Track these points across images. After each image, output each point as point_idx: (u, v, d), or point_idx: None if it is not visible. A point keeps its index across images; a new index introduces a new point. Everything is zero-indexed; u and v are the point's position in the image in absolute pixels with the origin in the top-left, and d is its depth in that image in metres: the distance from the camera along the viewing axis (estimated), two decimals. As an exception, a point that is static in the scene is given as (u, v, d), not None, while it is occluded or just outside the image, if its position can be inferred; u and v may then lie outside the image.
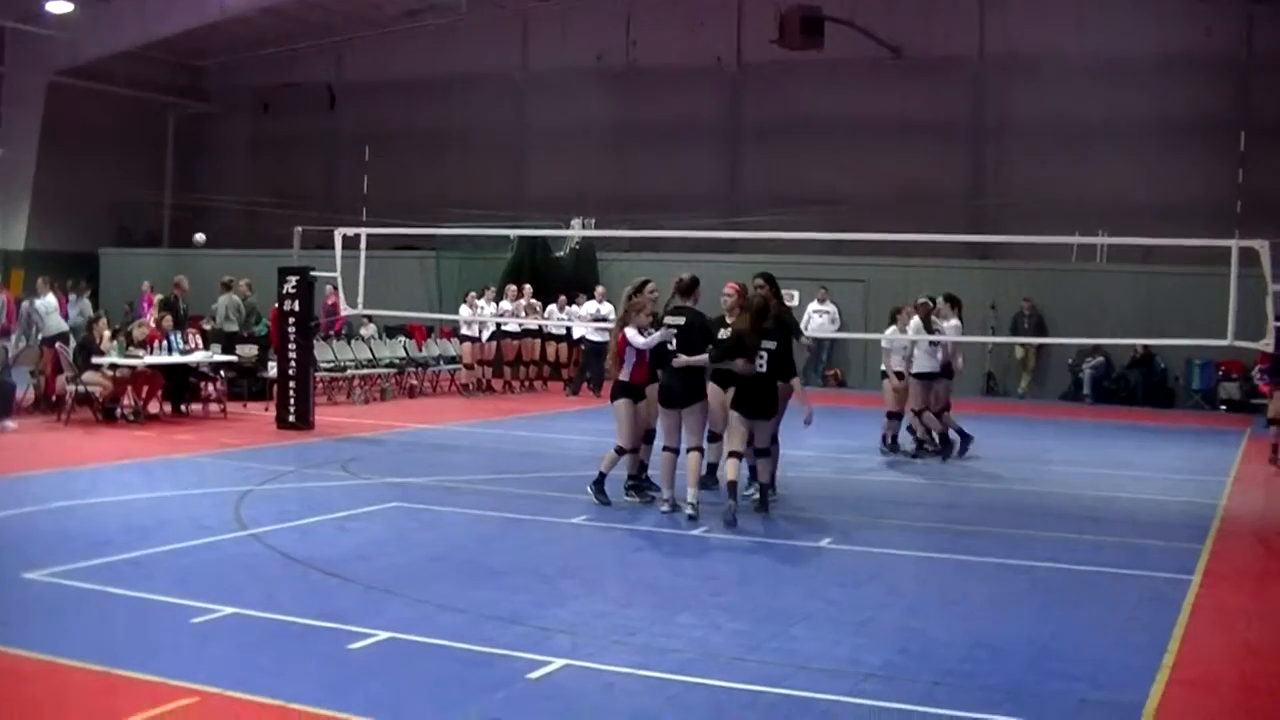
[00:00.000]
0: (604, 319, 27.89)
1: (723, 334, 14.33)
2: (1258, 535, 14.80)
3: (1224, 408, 29.96)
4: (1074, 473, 14.76)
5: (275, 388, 21.53)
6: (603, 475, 14.68)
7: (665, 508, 14.11)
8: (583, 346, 29.44)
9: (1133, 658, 9.29)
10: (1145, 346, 29.03)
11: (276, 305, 21.42)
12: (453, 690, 8.18)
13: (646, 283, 14.69)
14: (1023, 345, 30.63)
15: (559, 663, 8.69)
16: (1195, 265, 25.42)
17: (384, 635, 9.16)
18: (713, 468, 15.52)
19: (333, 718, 7.55)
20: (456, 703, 7.92)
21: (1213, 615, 10.71)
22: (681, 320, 14.16)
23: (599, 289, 29.76)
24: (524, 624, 9.70)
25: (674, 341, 14.02)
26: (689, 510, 13.70)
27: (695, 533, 11.39)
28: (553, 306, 29.49)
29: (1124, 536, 13.97)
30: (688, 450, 13.98)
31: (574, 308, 29.39)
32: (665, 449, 14.23)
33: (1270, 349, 18.46)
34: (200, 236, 26.70)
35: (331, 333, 27.62)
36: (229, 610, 9.67)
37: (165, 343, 22.00)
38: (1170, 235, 21.76)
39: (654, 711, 8.00)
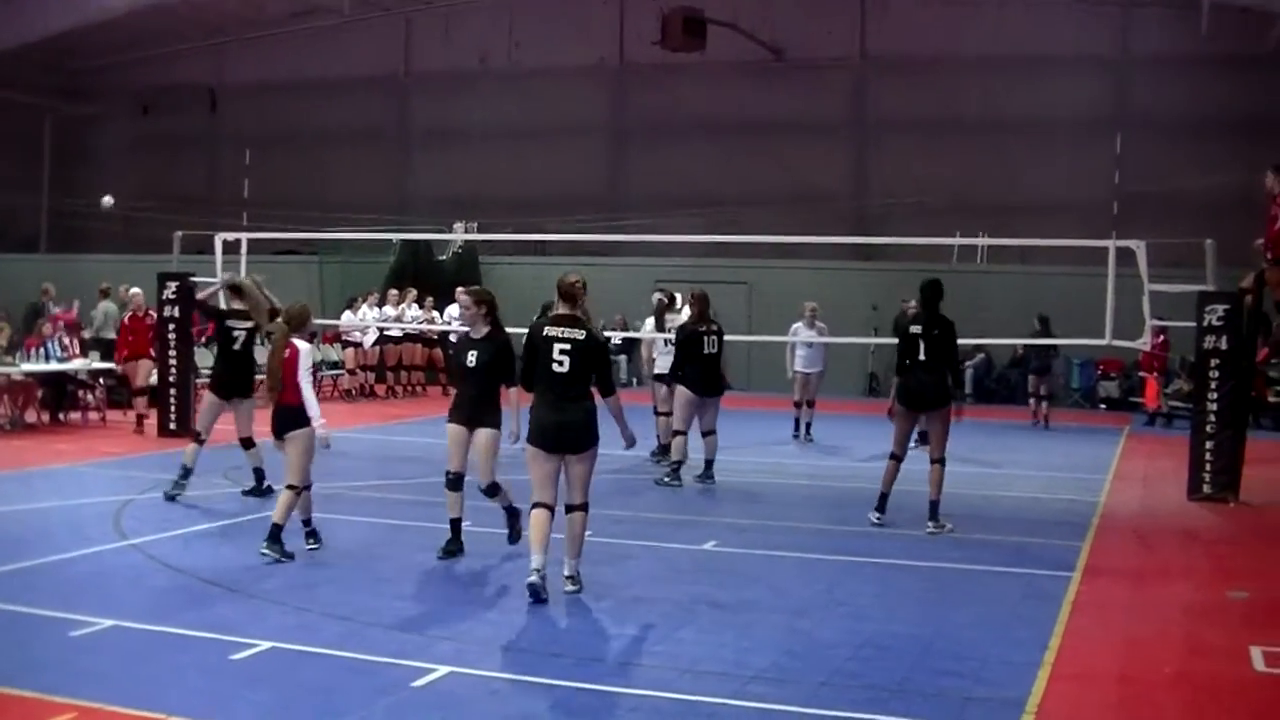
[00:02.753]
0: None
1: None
2: (1136, 531, 15.00)
3: (1103, 406, 30.46)
4: (957, 472, 14.89)
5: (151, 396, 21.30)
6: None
7: (535, 578, 10.50)
8: (450, 350, 29.15)
9: (1015, 654, 9.38)
10: (1025, 345, 29.41)
11: (131, 312, 21.23)
12: (337, 699, 8.09)
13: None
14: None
15: (443, 670, 8.62)
16: (1074, 265, 25.80)
17: (266, 645, 9.05)
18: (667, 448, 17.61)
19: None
20: (340, 711, 7.83)
21: (1092, 610, 10.83)
22: (582, 335, 10.84)
23: (460, 291, 29.26)
24: (408, 631, 9.65)
25: (566, 363, 10.73)
26: (570, 587, 10.84)
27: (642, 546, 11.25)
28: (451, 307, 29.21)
29: (1007, 535, 14.14)
30: (573, 508, 10.94)
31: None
32: (539, 506, 10.82)
33: (1147, 348, 18.80)
34: (108, 199, 26.03)
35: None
36: (109, 622, 9.50)
37: (43, 350, 21.61)
38: (1049, 235, 22.06)
39: (539, 716, 7.98)
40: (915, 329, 14.22)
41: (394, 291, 29.33)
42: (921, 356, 14.11)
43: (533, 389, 10.90)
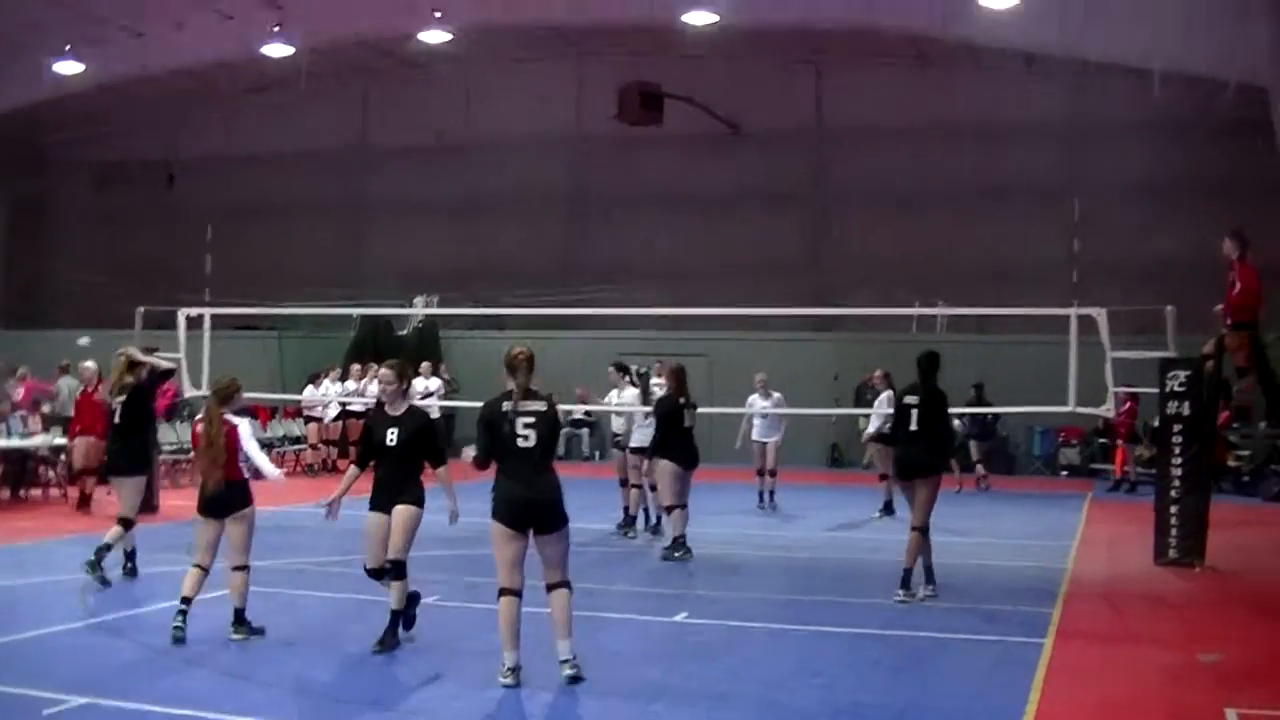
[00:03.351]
0: (430, 394, 27.69)
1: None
2: (1105, 596, 15.03)
3: (1065, 473, 30.57)
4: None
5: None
6: None
7: (509, 679, 10.06)
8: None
9: (993, 719, 9.34)
10: (990, 414, 29.51)
11: (84, 389, 20.97)
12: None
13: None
14: (864, 417, 30.91)
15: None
16: (1033, 333, 25.93)
17: (234, 720, 8.94)
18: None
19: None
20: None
21: (1068, 674, 10.83)
22: (543, 406, 10.43)
23: (424, 365, 29.23)
24: (383, 707, 9.56)
25: (531, 436, 10.23)
26: (569, 671, 10.18)
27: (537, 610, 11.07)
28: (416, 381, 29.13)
29: (975, 602, 14.11)
30: (553, 587, 10.40)
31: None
32: (507, 593, 10.25)
33: (1110, 415, 18.87)
34: (85, 340, 25.92)
35: (167, 415, 27.07)
36: (81, 700, 9.36)
37: (4, 426, 21.46)
38: (1008, 303, 22.18)
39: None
40: (910, 399, 14.34)
41: (356, 366, 29.27)
42: (913, 426, 14.19)
43: (488, 465, 10.38)
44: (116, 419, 15.11)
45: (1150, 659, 11.68)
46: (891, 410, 21.37)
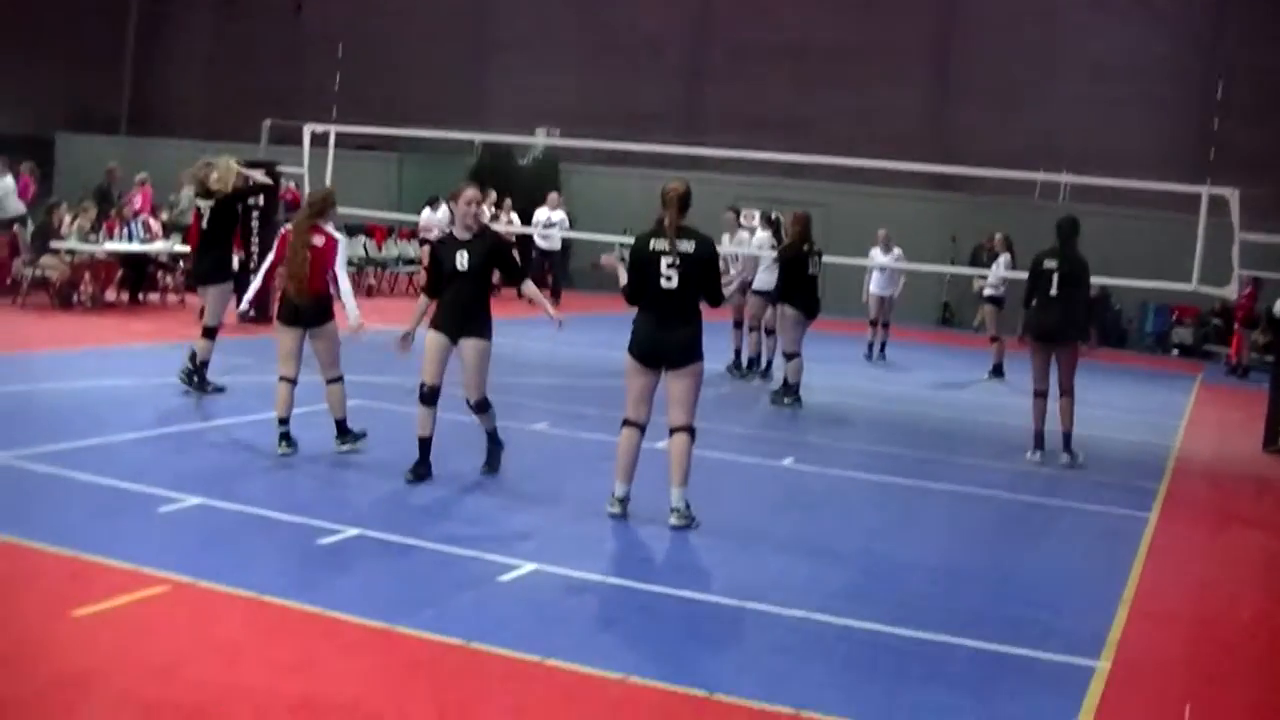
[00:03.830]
0: (553, 225, 27.87)
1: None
2: (1210, 478, 14.99)
3: (1175, 352, 30.28)
4: (1028, 406, 14.87)
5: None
6: None
7: (616, 509, 10.26)
8: (533, 254, 29.36)
9: (1093, 590, 9.41)
10: (1101, 286, 29.17)
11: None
12: (422, 588, 8.19)
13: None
14: (979, 278, 30.68)
15: (528, 566, 8.70)
16: (1158, 209, 25.56)
17: (353, 532, 9.16)
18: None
19: (305, 610, 7.53)
20: (425, 600, 7.91)
21: (1169, 552, 10.84)
22: (691, 246, 10.13)
23: (551, 196, 29.45)
24: (492, 526, 9.74)
25: (674, 278, 10.04)
26: (675, 520, 10.10)
27: (660, 445, 11.20)
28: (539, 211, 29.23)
29: (1082, 473, 14.04)
30: (675, 430, 10.28)
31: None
32: (628, 424, 10.35)
33: (1233, 296, 18.65)
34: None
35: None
36: (196, 500, 9.61)
37: (125, 230, 21.78)
38: (1139, 178, 21.82)
39: (626, 618, 8.07)
40: (1050, 264, 14.21)
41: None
42: (1053, 292, 14.11)
43: (636, 301, 10.26)
44: (204, 225, 15.01)
45: (1252, 543, 11.69)
46: (1006, 273, 21.51)
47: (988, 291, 22.45)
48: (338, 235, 11.94)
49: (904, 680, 7.29)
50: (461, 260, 10.94)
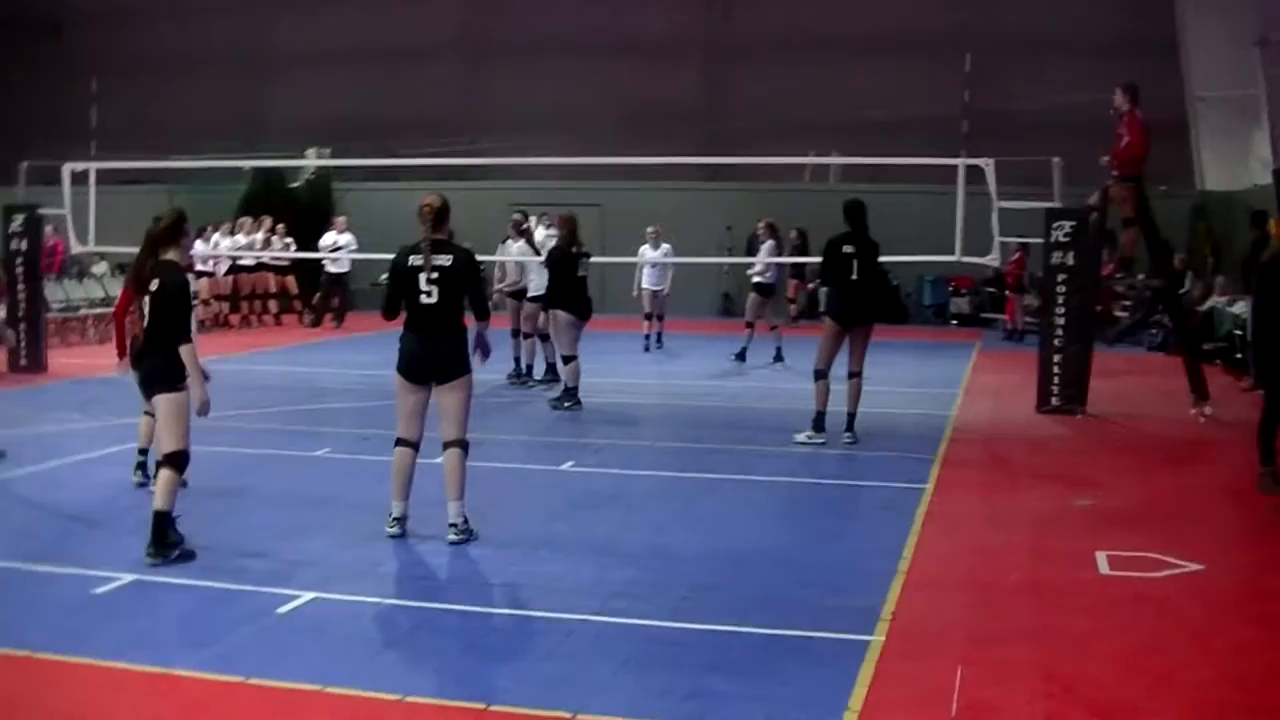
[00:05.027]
0: (339, 249, 27.68)
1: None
2: (986, 443, 15.31)
3: (955, 323, 30.95)
4: (810, 388, 15.09)
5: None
6: None
7: (394, 529, 10.22)
8: (322, 278, 29.19)
9: (871, 564, 9.56)
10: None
11: None
12: (201, 628, 8.07)
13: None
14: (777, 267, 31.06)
15: (307, 596, 8.61)
16: (924, 184, 26.07)
17: (129, 578, 8.95)
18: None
19: (81, 663, 7.36)
20: (205, 640, 7.78)
21: (944, 521, 11.05)
22: (448, 260, 10.13)
23: (338, 219, 29.29)
24: (270, 558, 9.58)
25: (434, 292, 10.05)
26: (453, 536, 10.08)
27: (437, 460, 11.06)
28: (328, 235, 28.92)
29: (861, 450, 14.31)
30: (448, 445, 10.30)
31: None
32: (401, 444, 10.33)
33: (996, 264, 19.10)
34: None
35: (56, 272, 26.66)
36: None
37: None
38: (900, 154, 22.23)
39: (405, 639, 8.03)
40: (848, 249, 14.45)
41: (246, 219, 28.96)
42: (854, 275, 14.37)
43: (394, 317, 10.32)
44: None
45: (1026, 505, 11.92)
46: (769, 259, 21.93)
47: (755, 279, 22.74)
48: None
49: (682, 673, 7.32)
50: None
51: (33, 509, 11.29)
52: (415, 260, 10.10)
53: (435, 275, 10.02)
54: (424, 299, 10.05)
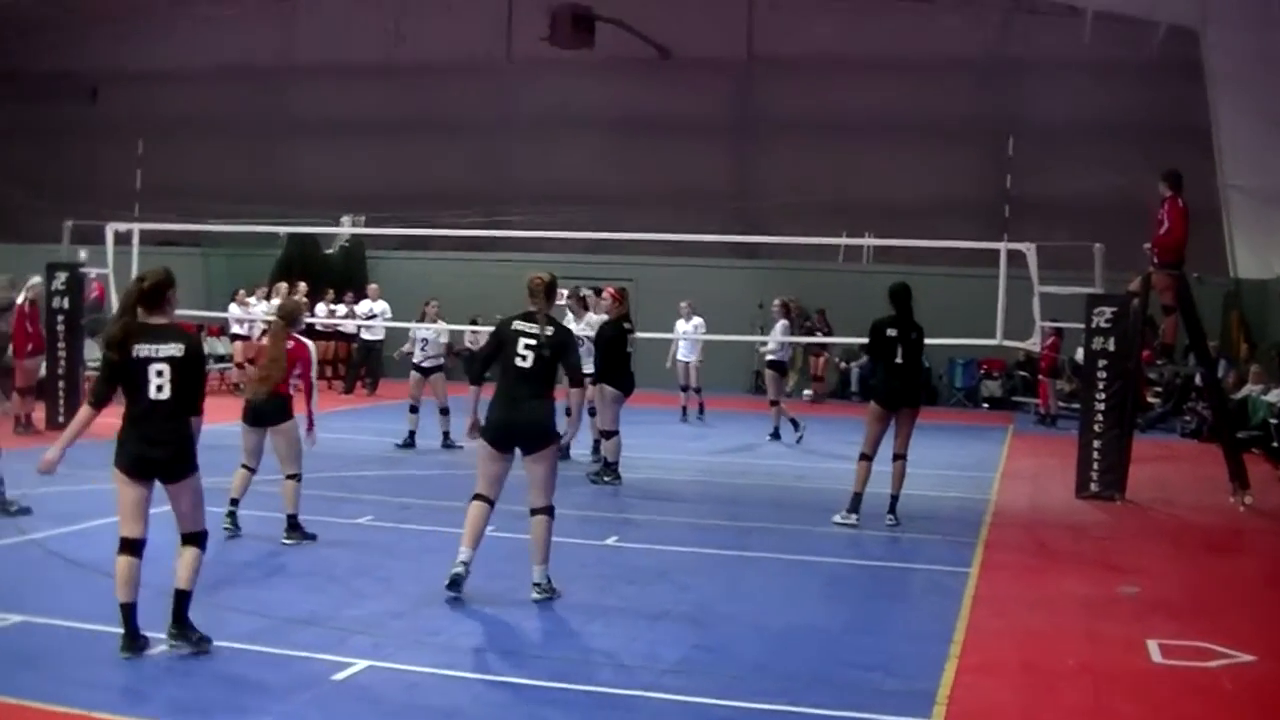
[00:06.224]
0: (374, 317, 27.86)
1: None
2: (1027, 528, 15.26)
3: (986, 405, 30.91)
4: (847, 469, 15.09)
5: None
6: None
7: (459, 569, 10.44)
8: (354, 344, 29.38)
9: (922, 647, 9.54)
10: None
11: (19, 303, 20.46)
12: (253, 693, 8.06)
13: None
14: (794, 345, 31.08)
15: (362, 664, 8.63)
16: (960, 266, 26.12)
17: (179, 640, 8.94)
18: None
19: (133, 722, 7.38)
20: (257, 707, 7.80)
21: (992, 604, 11.03)
22: (550, 331, 10.63)
23: (372, 287, 29.50)
24: (321, 625, 9.60)
25: (530, 358, 10.46)
26: (536, 595, 10.51)
27: (487, 531, 11.14)
28: (321, 305, 29.25)
29: (903, 532, 14.29)
30: (535, 512, 10.64)
31: (339, 306, 29.38)
32: (479, 499, 10.61)
33: (1036, 349, 19.12)
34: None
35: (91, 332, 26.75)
36: (16, 618, 9.37)
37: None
38: (936, 237, 22.29)
39: (459, 709, 7.99)
40: (891, 332, 14.51)
41: (282, 285, 29.15)
42: (898, 359, 14.45)
43: (480, 381, 10.78)
44: None
45: (1072, 590, 11.89)
46: (783, 338, 22.07)
47: (769, 356, 22.90)
48: (308, 341, 12.90)
49: (740, 753, 7.32)
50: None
51: (73, 567, 11.29)
52: (521, 325, 10.58)
53: (534, 343, 10.47)
54: (519, 362, 10.46)
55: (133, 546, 8.65)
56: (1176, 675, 9.25)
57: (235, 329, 28.27)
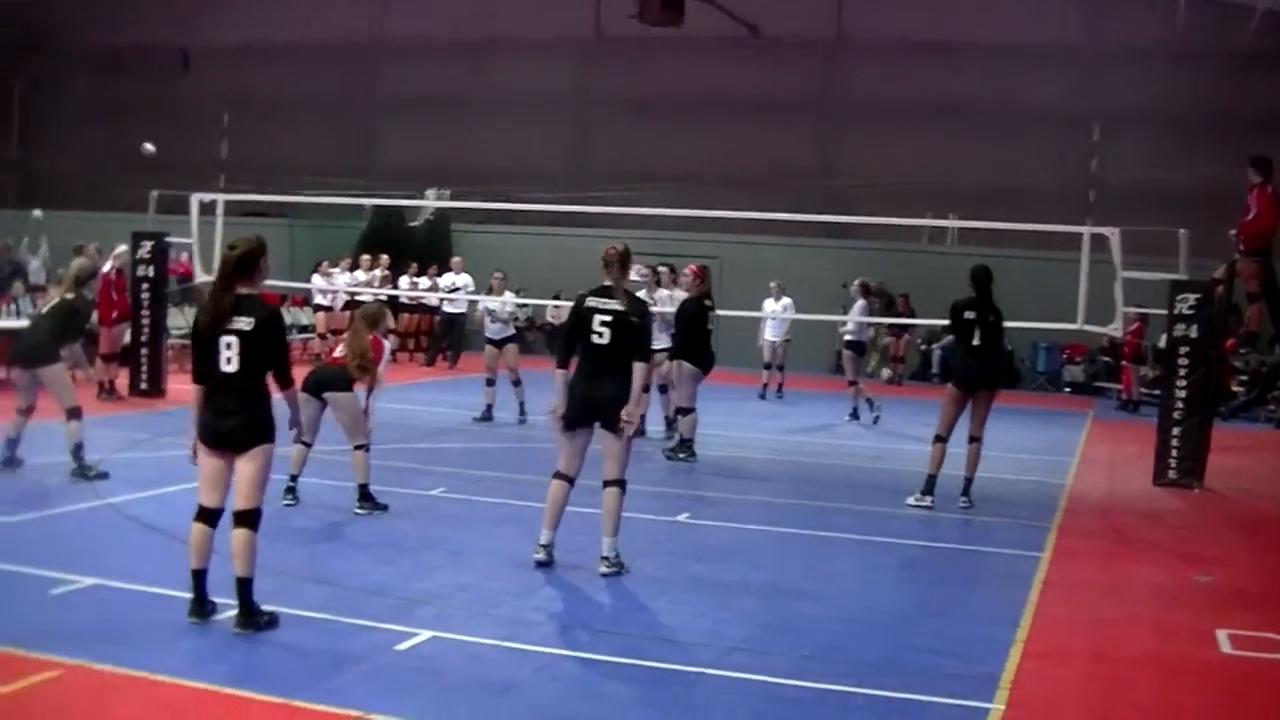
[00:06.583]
0: (456, 290, 28.00)
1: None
2: (1102, 514, 15.17)
3: (1068, 390, 30.71)
4: (924, 451, 15.04)
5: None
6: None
7: (541, 555, 10.72)
8: (437, 317, 29.60)
9: (990, 631, 9.52)
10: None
11: (105, 271, 20.68)
12: (318, 661, 8.16)
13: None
14: (873, 325, 30.95)
15: (425, 634, 8.71)
16: (1043, 250, 25.93)
17: (251, 605, 9.06)
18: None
19: (201, 689, 7.51)
20: (322, 673, 7.89)
21: (1062, 590, 10.98)
22: (621, 307, 10.64)
23: (455, 261, 29.63)
24: (387, 596, 9.70)
25: (605, 335, 10.54)
26: (604, 569, 10.65)
27: (526, 505, 11.17)
28: (404, 277, 29.50)
29: (977, 514, 14.26)
30: (608, 484, 10.77)
31: (422, 279, 29.61)
32: (558, 477, 10.77)
33: (1118, 334, 18.97)
34: (149, 147, 24.90)
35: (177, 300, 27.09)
36: (90, 581, 9.53)
37: (14, 307, 21.56)
38: (1019, 220, 22.15)
39: (521, 682, 8.04)
40: (970, 314, 14.52)
41: (366, 256, 29.40)
42: (976, 341, 14.47)
43: (567, 362, 10.71)
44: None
45: (1144, 578, 11.83)
46: (862, 318, 21.96)
47: (847, 337, 22.82)
48: (385, 341, 13.35)
49: (802, 731, 7.35)
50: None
51: (149, 532, 11.47)
52: (593, 302, 10.63)
53: (609, 319, 10.52)
54: (595, 339, 10.54)
55: (209, 515, 8.80)
56: (1245, 666, 9.18)
57: (319, 299, 28.50)
